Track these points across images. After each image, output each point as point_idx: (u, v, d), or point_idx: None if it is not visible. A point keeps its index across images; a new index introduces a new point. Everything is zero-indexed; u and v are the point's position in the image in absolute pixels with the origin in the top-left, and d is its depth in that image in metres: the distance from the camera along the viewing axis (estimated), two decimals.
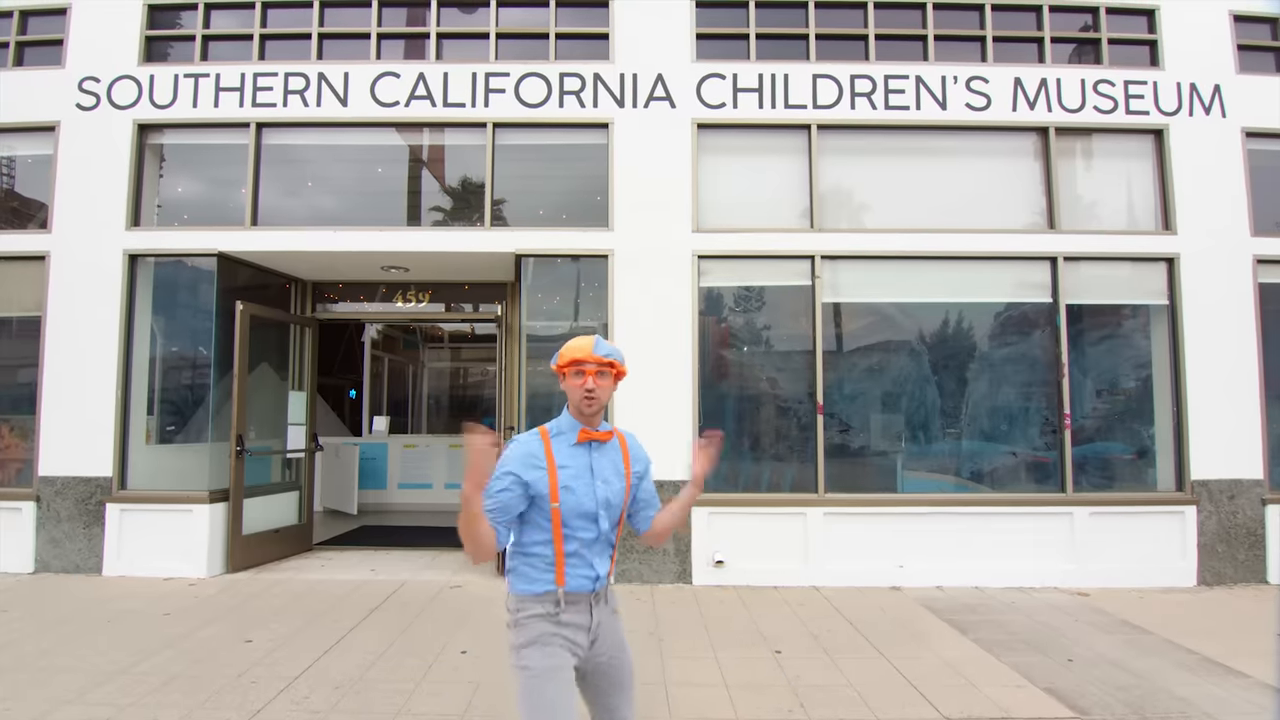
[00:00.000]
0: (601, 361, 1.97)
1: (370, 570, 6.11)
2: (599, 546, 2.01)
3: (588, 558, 1.98)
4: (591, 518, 1.97)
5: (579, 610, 1.97)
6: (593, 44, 6.26)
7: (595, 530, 1.98)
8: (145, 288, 6.17)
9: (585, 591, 1.97)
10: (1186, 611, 5.16)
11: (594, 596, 2.00)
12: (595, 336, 2.01)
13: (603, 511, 1.99)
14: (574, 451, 2.00)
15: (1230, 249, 6.05)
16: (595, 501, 1.98)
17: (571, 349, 2.00)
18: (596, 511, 1.97)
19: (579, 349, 1.98)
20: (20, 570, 5.88)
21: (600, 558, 2.01)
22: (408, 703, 3.46)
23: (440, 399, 14.13)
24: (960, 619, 4.90)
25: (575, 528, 1.96)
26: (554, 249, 6.04)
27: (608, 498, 2.00)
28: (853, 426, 6.10)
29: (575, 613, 1.96)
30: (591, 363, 1.96)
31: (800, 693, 3.63)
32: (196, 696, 3.50)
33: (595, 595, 2.00)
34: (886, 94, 6.13)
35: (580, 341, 2.00)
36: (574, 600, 1.96)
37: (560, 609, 1.94)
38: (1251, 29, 6.34)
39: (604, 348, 1.99)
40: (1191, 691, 3.69)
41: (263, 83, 6.16)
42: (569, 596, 1.95)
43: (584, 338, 2.00)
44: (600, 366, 1.98)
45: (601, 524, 1.99)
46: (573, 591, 1.96)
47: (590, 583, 1.98)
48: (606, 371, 2.00)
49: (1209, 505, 5.86)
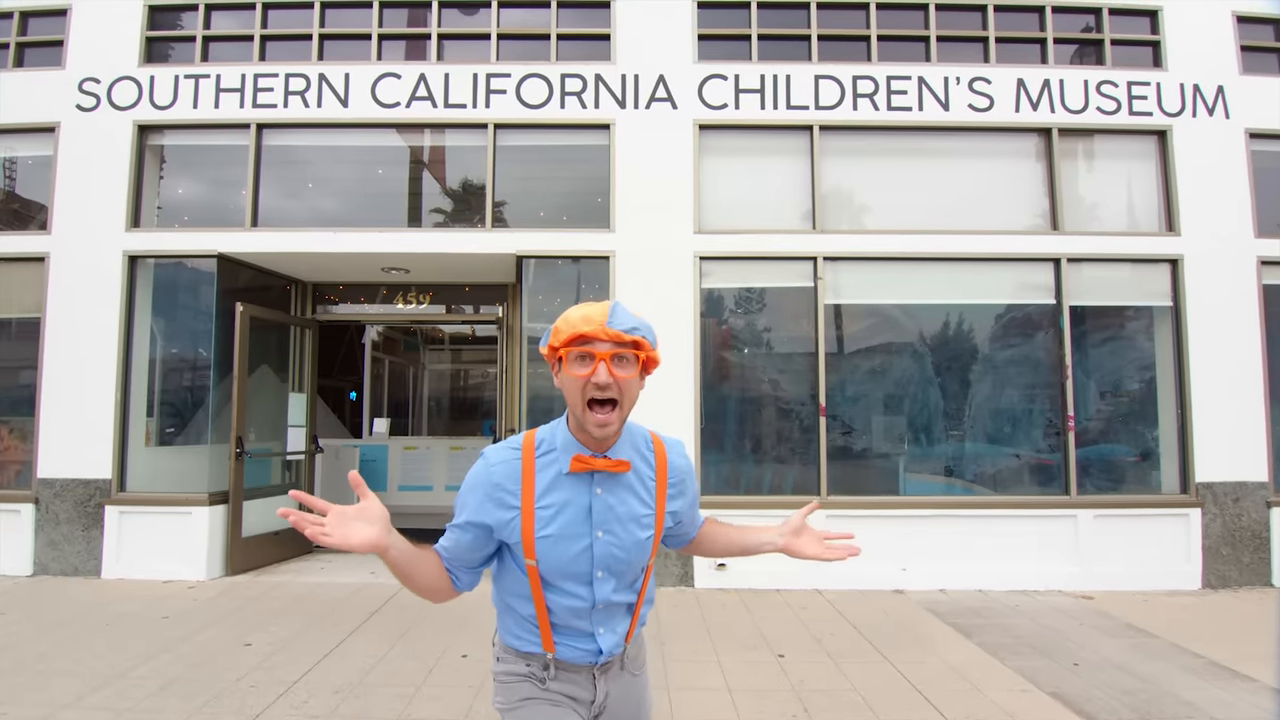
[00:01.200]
0: (621, 339, 1.27)
1: (370, 573, 6.08)
2: (601, 615, 1.40)
3: (586, 627, 1.40)
4: (584, 581, 1.36)
5: (577, 683, 1.43)
6: (594, 45, 6.25)
7: (590, 598, 1.37)
8: (145, 289, 6.15)
9: (585, 664, 1.43)
10: (1192, 615, 5.12)
11: (598, 669, 1.44)
12: (613, 302, 1.33)
13: (601, 573, 1.37)
14: (565, 484, 1.35)
15: (1234, 250, 6.02)
16: (590, 560, 1.35)
17: (575, 319, 1.28)
18: (591, 574, 1.36)
19: (586, 319, 1.27)
20: (18, 573, 5.85)
21: (608, 624, 1.42)
22: (408, 708, 3.43)
23: (441, 401, 14.10)
24: (964, 622, 4.87)
25: (563, 591, 1.37)
26: (555, 250, 6.02)
27: (612, 554, 1.36)
28: (855, 428, 6.07)
29: (570, 684, 1.43)
30: (605, 340, 1.26)
31: (804, 697, 3.60)
32: (195, 700, 3.47)
33: (600, 668, 1.44)
34: (889, 95, 6.11)
35: (588, 309, 1.29)
36: (569, 669, 1.42)
37: (550, 674, 1.42)
38: (1255, 30, 6.32)
39: (625, 317, 1.29)
40: (1198, 696, 3.66)
41: (263, 84, 6.15)
42: (561, 664, 1.42)
43: (594, 304, 1.32)
44: (619, 348, 1.27)
45: (599, 590, 1.37)
46: (567, 661, 1.42)
47: (592, 655, 1.42)
48: (628, 356, 1.29)
49: (1213, 508, 5.83)
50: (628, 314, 1.31)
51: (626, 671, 1.49)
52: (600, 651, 1.41)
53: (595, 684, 1.44)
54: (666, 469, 1.44)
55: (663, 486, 1.42)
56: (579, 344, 1.28)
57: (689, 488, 1.52)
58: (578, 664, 1.42)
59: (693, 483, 1.55)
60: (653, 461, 1.44)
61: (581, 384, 1.28)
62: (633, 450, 1.43)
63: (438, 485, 9.77)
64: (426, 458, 9.89)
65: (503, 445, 1.41)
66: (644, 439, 1.48)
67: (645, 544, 1.40)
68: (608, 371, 1.26)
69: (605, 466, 1.34)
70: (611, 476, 1.37)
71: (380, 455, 9.81)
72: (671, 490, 1.46)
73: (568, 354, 1.29)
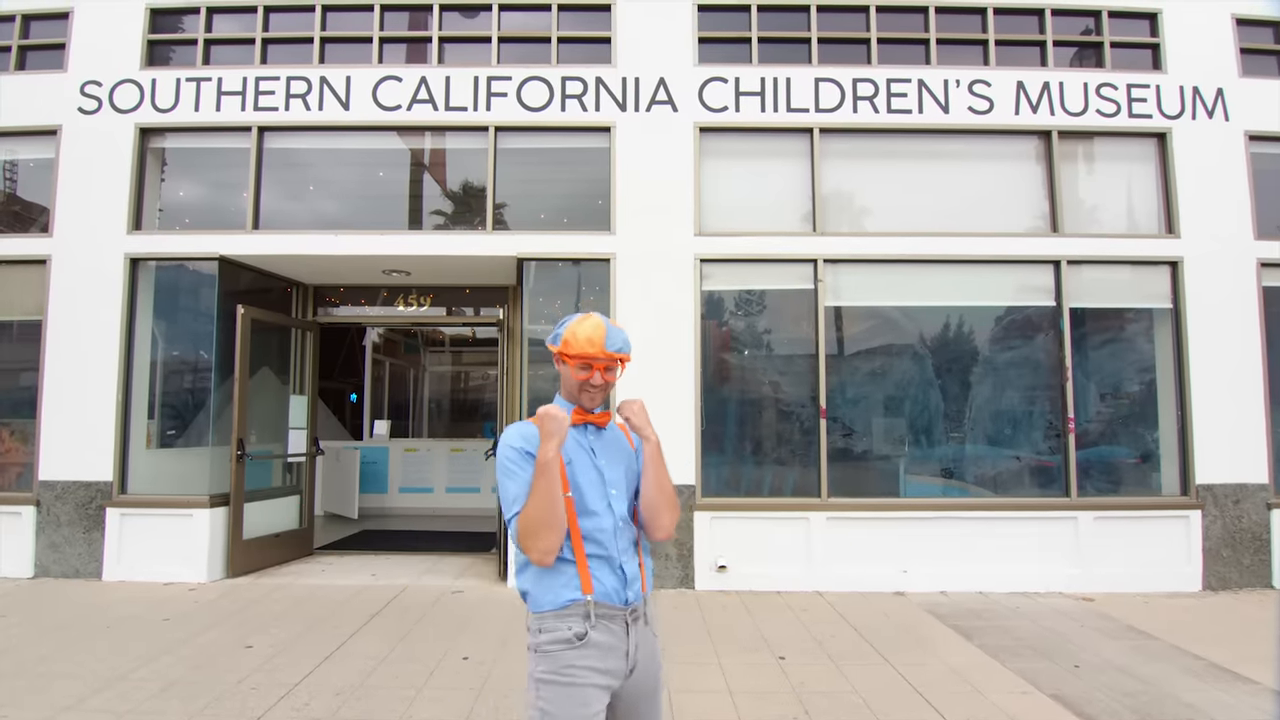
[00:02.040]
0: (613, 358, 1.80)
1: (371, 575, 6.08)
2: (621, 539, 1.77)
3: (612, 553, 1.74)
4: (602, 497, 1.78)
5: (613, 629, 1.72)
6: (595, 48, 6.26)
7: (611, 515, 1.77)
8: (146, 291, 6.16)
9: (618, 604, 1.73)
10: (1192, 617, 5.12)
11: (629, 613, 1.75)
12: (605, 325, 1.82)
13: (613, 492, 1.80)
14: (572, 434, 1.83)
15: (1234, 253, 6.03)
16: (602, 478, 1.80)
17: (581, 340, 1.79)
18: (606, 490, 1.79)
19: (590, 341, 1.78)
20: (19, 575, 5.85)
21: (626, 554, 1.78)
22: (409, 710, 3.43)
23: (441, 403, 14.12)
24: (965, 624, 4.87)
25: (591, 515, 1.75)
26: (555, 253, 6.03)
27: (615, 478, 1.83)
28: (855, 430, 6.07)
29: (608, 632, 1.70)
30: (602, 358, 1.79)
31: (804, 699, 3.60)
32: (196, 703, 3.48)
33: (631, 611, 1.75)
34: (889, 97, 6.12)
35: (589, 332, 1.79)
36: (606, 615, 1.71)
37: (590, 625, 1.68)
38: (1254, 32, 6.33)
39: (616, 341, 1.81)
40: (1199, 698, 3.66)
41: (264, 86, 6.16)
42: (599, 609, 1.70)
43: (593, 324, 1.81)
44: (610, 362, 1.81)
45: (616, 506, 1.79)
46: (603, 602, 1.71)
47: (621, 587, 1.73)
48: (615, 366, 1.83)
49: (1214, 510, 5.83)
50: (616, 334, 1.84)
51: (649, 629, 1.82)
52: (627, 581, 1.75)
53: (629, 633, 1.74)
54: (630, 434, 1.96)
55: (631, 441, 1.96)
56: (583, 360, 1.80)
57: None
58: (613, 605, 1.73)
59: None
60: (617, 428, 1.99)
61: (582, 383, 1.83)
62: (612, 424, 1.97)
63: (438, 487, 9.78)
64: (427, 460, 9.90)
65: (515, 426, 1.83)
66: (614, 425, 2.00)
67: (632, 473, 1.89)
68: (601, 377, 1.83)
69: (593, 419, 1.87)
70: (597, 431, 1.90)
71: (381, 457, 9.82)
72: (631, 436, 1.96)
73: (574, 363, 1.82)
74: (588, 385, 1.81)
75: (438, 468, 9.84)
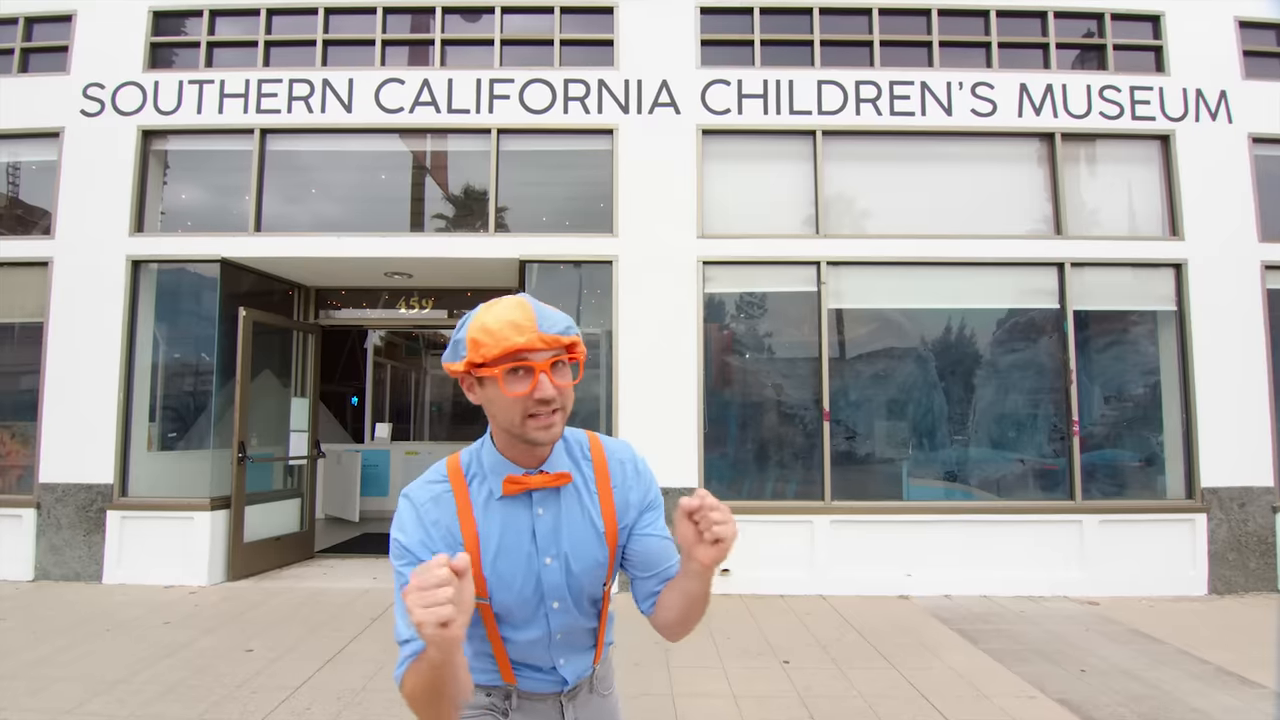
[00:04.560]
0: (559, 343, 1.14)
1: (372, 578, 6.06)
2: (561, 645, 1.28)
3: (546, 658, 1.28)
4: (538, 614, 1.24)
5: (543, 713, 1.32)
6: (597, 50, 6.26)
7: (545, 627, 1.24)
8: (148, 294, 6.15)
9: (551, 691, 1.31)
10: (1198, 621, 5.09)
11: (565, 695, 1.32)
12: (531, 302, 1.16)
13: (557, 604, 1.23)
14: (499, 509, 1.21)
15: (1238, 255, 6.01)
16: (540, 592, 1.22)
17: (500, 330, 1.09)
18: (545, 606, 1.23)
19: (514, 325, 1.09)
20: (20, 578, 5.83)
21: (569, 653, 1.30)
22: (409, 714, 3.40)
23: (443, 406, 14.10)
24: (970, 628, 4.85)
25: (517, 625, 1.24)
26: (558, 255, 6.02)
27: (565, 581, 1.23)
28: (859, 433, 6.05)
29: (536, 715, 1.32)
30: (542, 349, 1.11)
31: (809, 703, 3.58)
32: (196, 707, 3.45)
33: (569, 692, 1.32)
34: (892, 100, 6.12)
35: (508, 313, 1.11)
36: (534, 698, 1.31)
37: (513, 705, 1.30)
38: (1257, 35, 6.32)
39: (553, 319, 1.15)
40: (1206, 702, 3.63)
41: (267, 89, 6.16)
42: (525, 694, 1.30)
43: (510, 304, 1.14)
44: (555, 355, 1.14)
45: (556, 621, 1.25)
46: (531, 691, 1.31)
47: (557, 685, 1.31)
48: (564, 361, 1.16)
49: (1219, 513, 5.80)
50: (553, 312, 1.16)
51: (595, 694, 1.37)
52: (565, 681, 1.30)
53: (563, 712, 1.32)
54: (606, 466, 1.27)
55: (605, 489, 1.25)
56: (512, 359, 1.10)
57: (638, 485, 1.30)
58: (543, 693, 1.31)
59: (644, 482, 1.32)
60: (591, 465, 1.27)
61: (522, 401, 1.11)
62: (569, 461, 1.26)
63: None
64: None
65: (421, 481, 1.23)
66: (580, 445, 1.30)
67: (602, 565, 1.25)
68: (550, 383, 1.11)
69: (543, 483, 1.19)
70: (551, 493, 1.22)
71: (382, 460, 9.80)
72: (616, 492, 1.27)
73: (501, 371, 1.10)
74: (534, 404, 1.12)
75: None
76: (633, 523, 1.28)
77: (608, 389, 5.85)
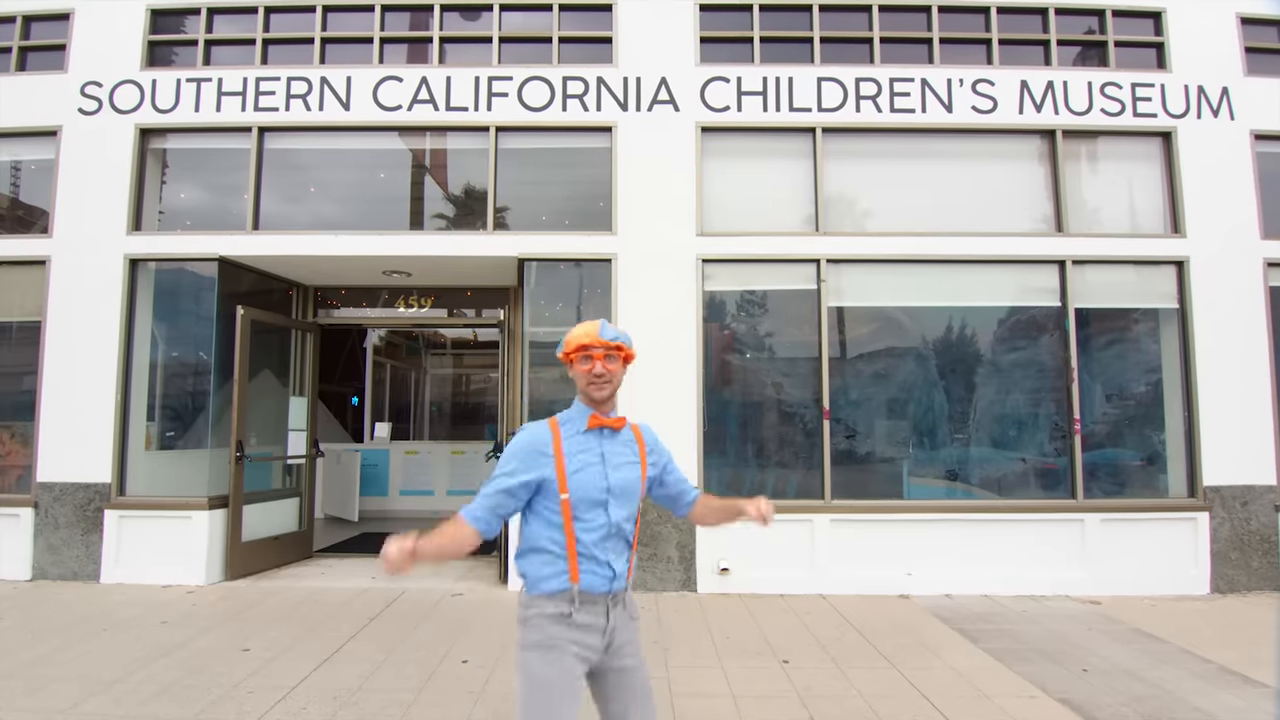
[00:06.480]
0: (609, 345, 1.95)
1: (371, 578, 6.04)
2: (613, 541, 1.93)
3: (602, 553, 1.90)
4: (601, 505, 1.91)
5: (594, 612, 1.90)
6: (596, 48, 6.24)
7: (606, 521, 1.91)
8: (146, 292, 6.13)
9: (601, 592, 1.90)
10: (1201, 620, 5.06)
11: (610, 599, 1.93)
12: (601, 320, 2.01)
13: (613, 501, 1.92)
14: (584, 439, 1.96)
15: (1240, 252, 5.98)
16: (605, 489, 1.92)
17: (577, 335, 1.98)
18: (606, 499, 1.91)
19: (585, 334, 1.96)
20: (17, 577, 5.81)
21: (616, 554, 1.94)
22: (407, 713, 3.39)
23: (443, 405, 14.09)
24: (971, 628, 4.82)
25: (587, 520, 1.89)
26: (557, 253, 6.00)
27: (621, 485, 1.94)
28: (859, 432, 6.02)
29: (590, 614, 1.89)
30: (599, 346, 1.95)
31: (809, 703, 3.55)
32: (192, 707, 3.43)
33: (612, 597, 1.93)
34: (892, 97, 6.09)
35: (586, 326, 1.98)
36: (589, 600, 1.89)
37: (575, 608, 1.87)
38: (1259, 31, 6.29)
39: (610, 331, 1.97)
40: (1209, 702, 3.60)
41: (265, 87, 6.14)
42: (584, 596, 1.88)
43: (589, 323, 1.99)
44: (608, 350, 1.96)
45: (613, 514, 1.92)
46: (587, 590, 1.89)
47: (606, 581, 1.91)
48: (615, 355, 1.97)
49: (1221, 512, 5.77)
50: (611, 328, 1.99)
51: (627, 613, 2.00)
52: (614, 576, 1.92)
53: (609, 613, 1.92)
54: (643, 440, 2.11)
55: (642, 448, 2.08)
56: (582, 350, 1.97)
57: (662, 450, 2.17)
58: (596, 592, 1.90)
59: (664, 448, 2.18)
60: (634, 438, 2.10)
61: (587, 375, 1.96)
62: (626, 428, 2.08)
63: (439, 490, 9.74)
64: (427, 462, 9.86)
65: (534, 423, 2.01)
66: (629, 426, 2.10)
67: (637, 480, 2.01)
68: (602, 366, 1.96)
69: (609, 423, 1.98)
70: (612, 435, 2.01)
71: (381, 460, 9.78)
72: (650, 453, 2.10)
73: (576, 357, 1.98)
74: (593, 376, 1.94)
75: (439, 470, 9.80)
76: (660, 470, 2.13)
77: None
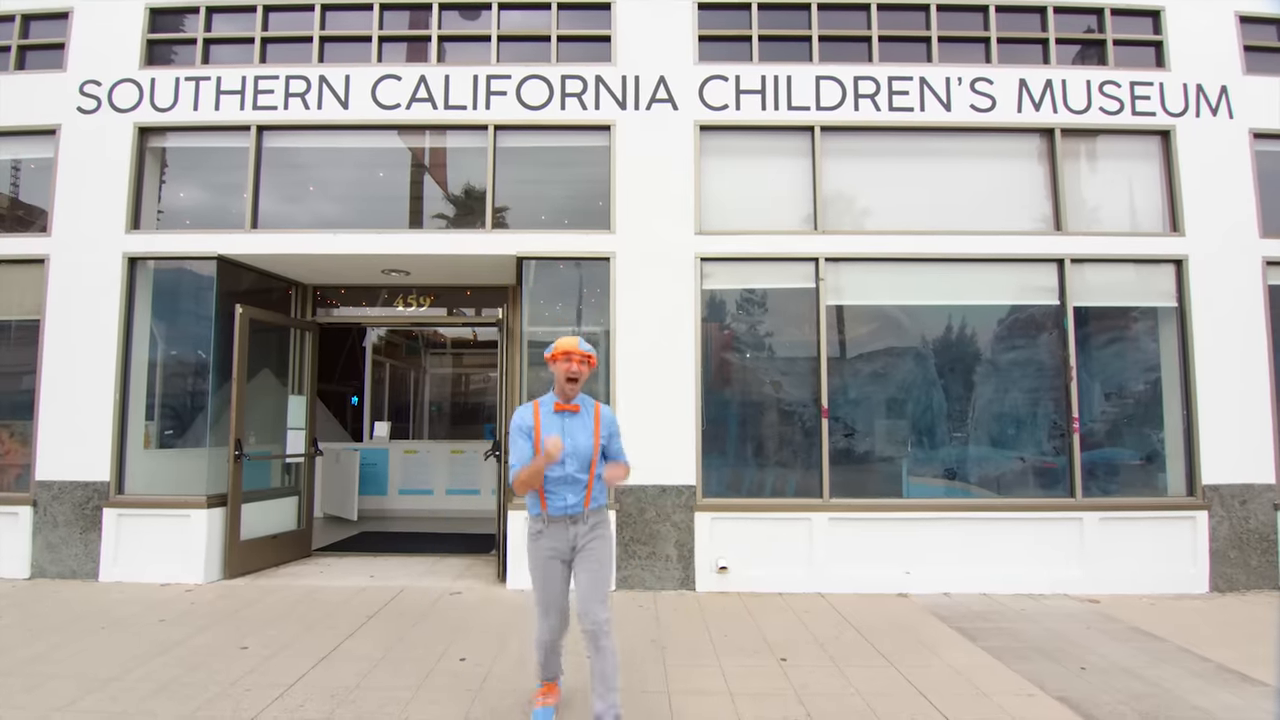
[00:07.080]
0: (584, 355, 3.08)
1: (369, 576, 6.04)
2: (568, 484, 3.06)
3: (560, 491, 3.06)
4: (560, 462, 3.00)
5: (559, 526, 3.09)
6: (594, 46, 6.23)
7: (563, 472, 3.04)
8: (144, 291, 6.13)
9: (562, 514, 3.08)
10: (1200, 618, 5.06)
11: (569, 519, 3.09)
12: (578, 337, 3.12)
13: (568, 459, 3.04)
14: (554, 417, 3.09)
15: (1239, 251, 5.98)
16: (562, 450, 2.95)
17: (562, 345, 3.08)
18: (563, 458, 3.01)
19: (569, 345, 3.07)
20: (16, 576, 5.81)
21: (571, 491, 3.06)
22: (405, 711, 3.39)
23: (442, 405, 14.09)
24: (969, 626, 4.82)
25: (550, 470, 3.01)
26: (555, 251, 5.99)
27: (573, 448, 3.05)
28: (857, 431, 6.02)
29: (557, 527, 3.09)
30: (577, 354, 3.06)
31: (807, 701, 3.55)
32: (189, 704, 3.43)
33: (571, 518, 3.09)
34: (890, 95, 6.09)
35: (569, 340, 3.09)
36: (554, 520, 3.09)
37: (546, 525, 3.10)
38: (1258, 30, 6.29)
39: (585, 345, 3.09)
40: (1207, 700, 3.60)
41: (263, 85, 6.14)
42: (550, 518, 3.09)
43: (570, 337, 3.10)
44: (583, 357, 3.08)
45: (568, 466, 3.04)
46: (553, 514, 3.08)
47: (564, 508, 3.07)
48: (585, 360, 3.09)
49: (1220, 511, 5.77)
50: (585, 344, 3.08)
51: (587, 525, 3.10)
52: (568, 505, 3.07)
53: (568, 529, 3.09)
54: (599, 417, 3.17)
55: (598, 425, 3.14)
56: (565, 354, 3.06)
57: (614, 428, 3.21)
58: (558, 515, 3.08)
59: (616, 428, 3.23)
60: (593, 413, 3.17)
61: (565, 372, 3.06)
62: (585, 407, 3.18)
63: (438, 489, 9.73)
64: (427, 461, 9.85)
65: (523, 405, 3.18)
66: (591, 404, 3.21)
67: (589, 445, 3.09)
68: (577, 368, 3.06)
69: (568, 408, 3.11)
70: (572, 415, 3.11)
71: (381, 459, 9.78)
72: (603, 429, 3.15)
73: (559, 358, 3.06)
74: (568, 375, 3.05)
75: (438, 470, 9.80)
76: (607, 440, 3.17)
77: (606, 386, 5.82)
